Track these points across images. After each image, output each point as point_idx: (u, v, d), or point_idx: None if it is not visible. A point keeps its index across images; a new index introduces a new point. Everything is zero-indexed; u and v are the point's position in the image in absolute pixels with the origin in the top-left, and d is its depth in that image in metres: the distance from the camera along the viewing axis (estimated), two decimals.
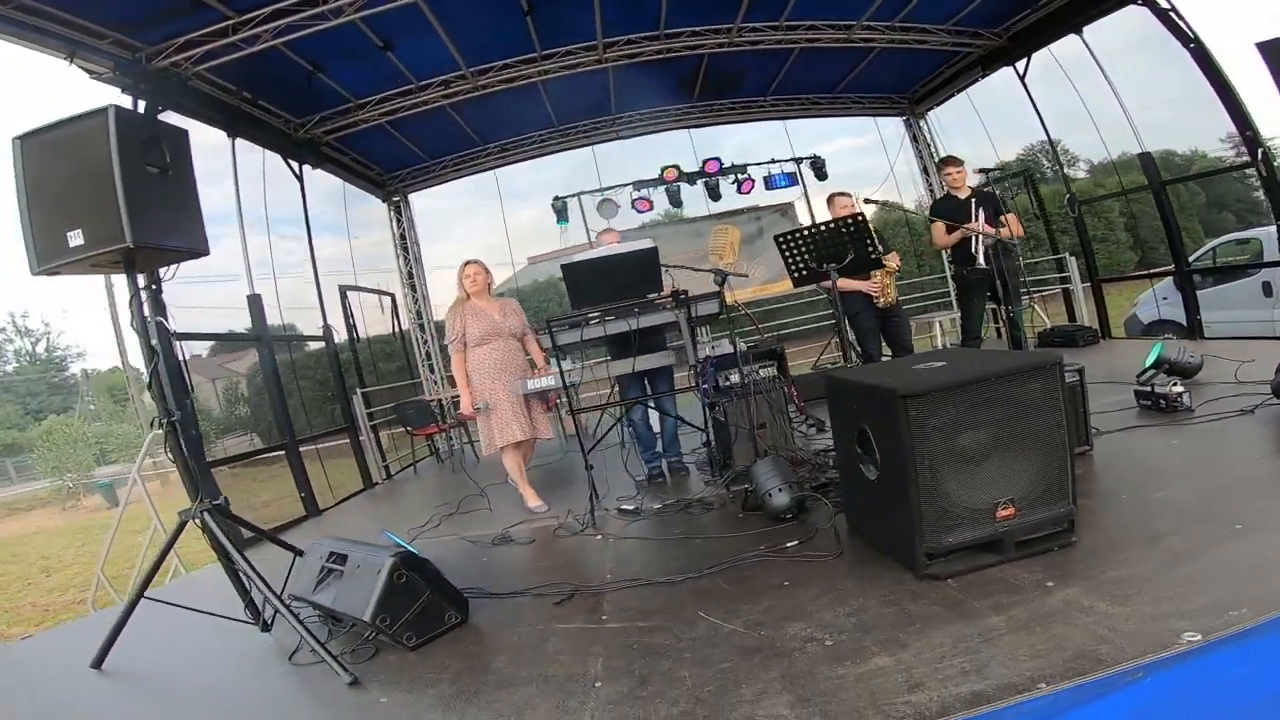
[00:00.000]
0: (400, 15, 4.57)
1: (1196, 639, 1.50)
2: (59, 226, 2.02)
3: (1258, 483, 2.50)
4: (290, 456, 4.86)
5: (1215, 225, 10.03)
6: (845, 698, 1.55)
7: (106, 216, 1.96)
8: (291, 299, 5.41)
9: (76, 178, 2.01)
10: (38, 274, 2.10)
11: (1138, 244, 10.56)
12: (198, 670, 2.40)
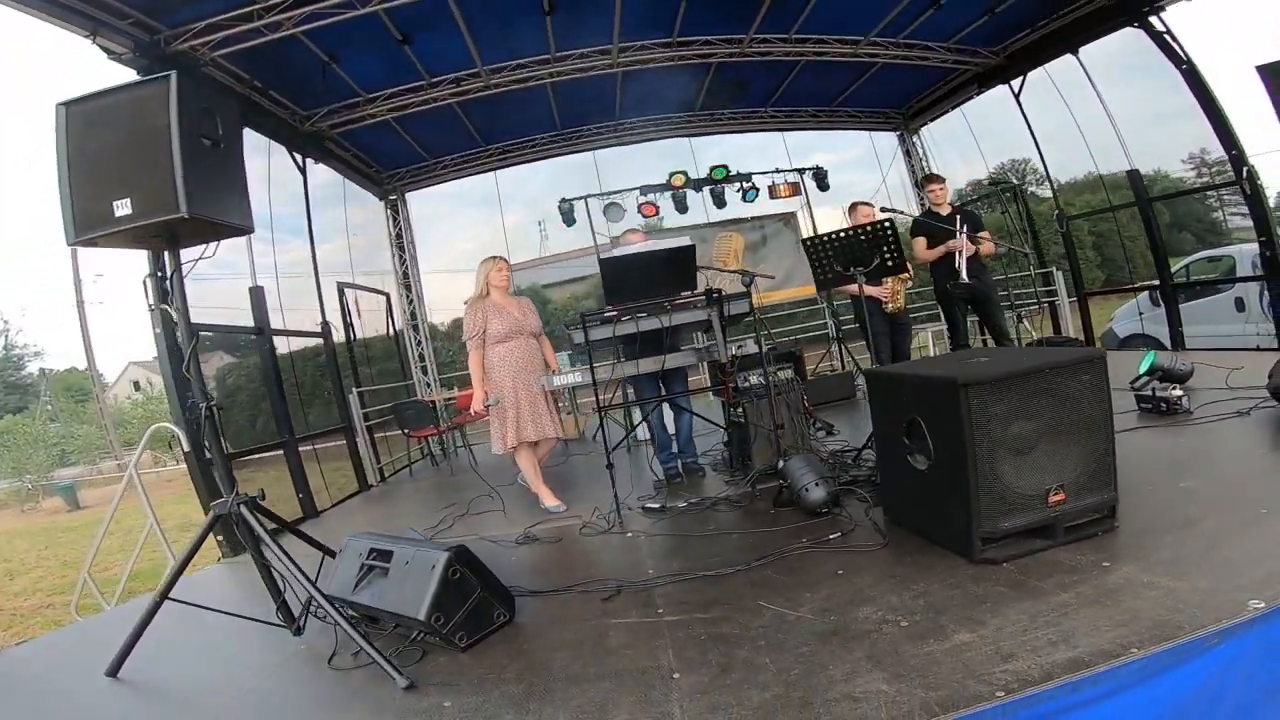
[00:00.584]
0: (425, 8, 4.56)
1: (1261, 606, 1.57)
2: (104, 195, 1.94)
3: (1270, 473, 2.66)
4: (289, 455, 4.70)
5: (1175, 245, 10.61)
6: (940, 671, 1.56)
7: (160, 186, 1.89)
8: (287, 296, 5.26)
9: (128, 145, 1.95)
10: (74, 244, 2.02)
11: (1105, 262, 11.13)
12: (230, 678, 2.26)
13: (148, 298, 3.64)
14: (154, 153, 1.90)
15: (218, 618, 2.82)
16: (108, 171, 1.95)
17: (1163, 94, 5.76)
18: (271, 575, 2.35)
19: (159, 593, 2.22)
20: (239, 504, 2.22)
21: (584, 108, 7.02)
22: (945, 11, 5.82)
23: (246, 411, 4.92)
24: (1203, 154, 6.31)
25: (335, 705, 1.95)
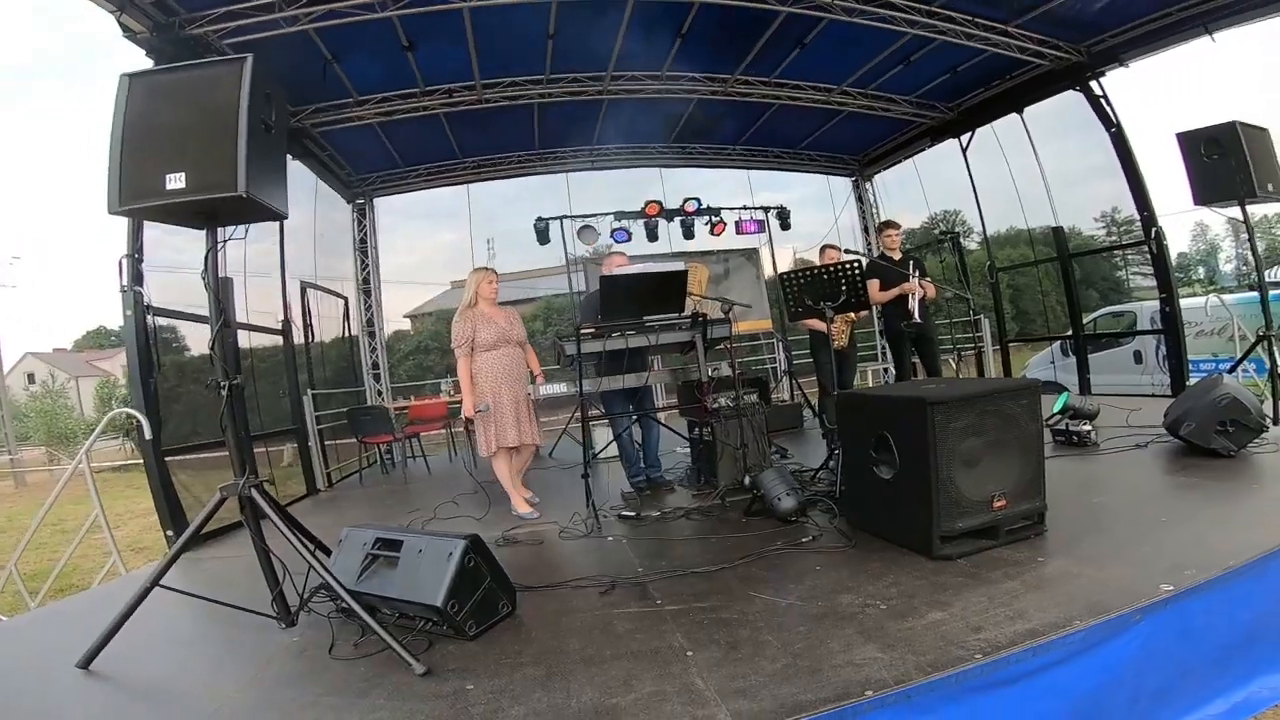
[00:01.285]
0: (439, 18, 4.68)
1: (1171, 588, 1.94)
2: (156, 169, 1.96)
3: (1165, 492, 3.20)
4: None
5: (1081, 300, 11.84)
6: (922, 641, 1.83)
7: (219, 164, 1.94)
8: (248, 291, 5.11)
9: (190, 122, 1.98)
10: (116, 212, 2.03)
11: (1019, 314, 12.28)
12: (220, 671, 2.20)
13: (121, 278, 3.51)
14: (218, 131, 1.95)
15: (185, 611, 2.75)
16: (164, 145, 1.98)
17: (1088, 153, 6.40)
18: (271, 563, 2.34)
19: (152, 578, 2.17)
20: (250, 486, 2.22)
21: (564, 130, 7.23)
22: (913, 68, 6.38)
23: (187, 407, 4.64)
24: (1114, 212, 7.16)
25: (350, 692, 1.94)
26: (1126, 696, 1.86)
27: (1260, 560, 2.07)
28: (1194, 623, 1.96)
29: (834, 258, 4.80)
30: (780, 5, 4.95)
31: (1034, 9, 5.41)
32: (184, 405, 4.93)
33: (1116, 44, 5.76)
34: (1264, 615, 2.07)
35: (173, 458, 4.07)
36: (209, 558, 3.70)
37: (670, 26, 5.40)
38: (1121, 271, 9.27)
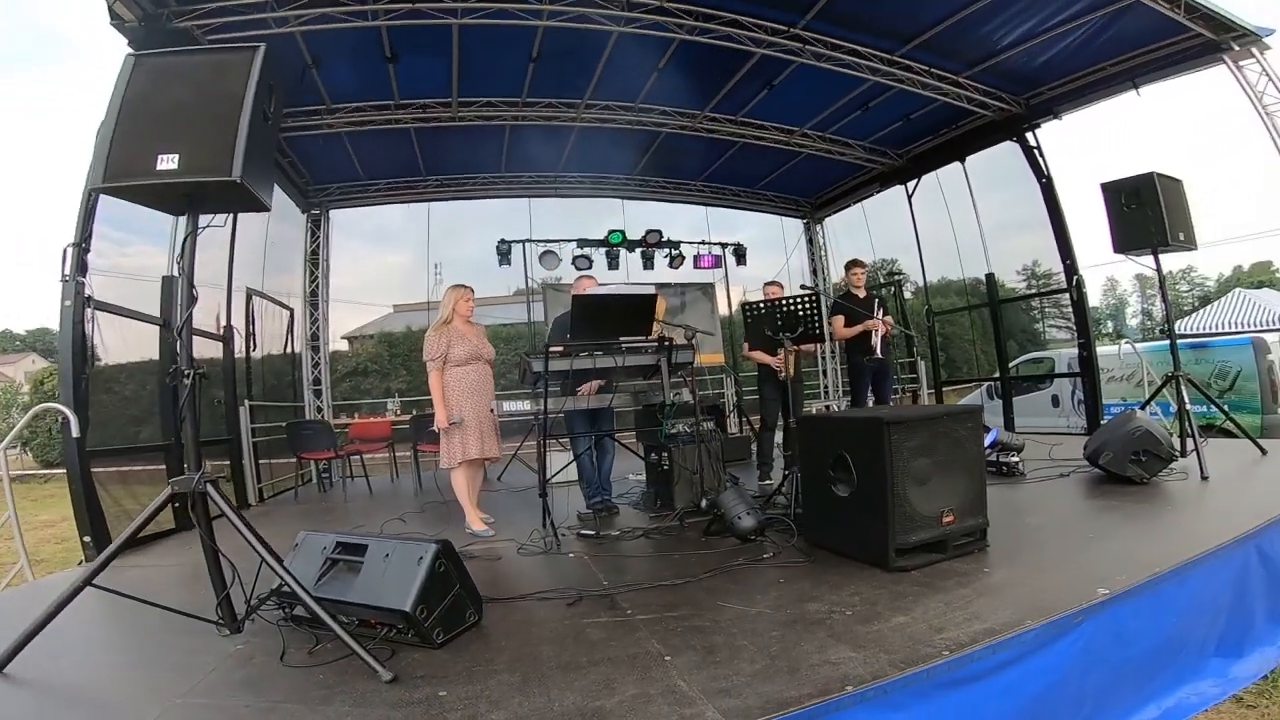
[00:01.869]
0: (427, 32, 4.72)
1: (1105, 592, 2.11)
2: (148, 148, 1.90)
3: (1089, 513, 3.47)
4: (171, 462, 4.25)
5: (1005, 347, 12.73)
6: (891, 641, 1.91)
7: (216, 148, 1.90)
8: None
9: (192, 105, 1.94)
10: (98, 188, 1.96)
11: (948, 361, 13.06)
12: (164, 678, 2.02)
13: (64, 267, 3.29)
14: (220, 116, 1.92)
15: (110, 616, 2.58)
16: (160, 126, 1.93)
17: (1017, 205, 6.91)
18: (219, 565, 2.20)
19: (86, 577, 2.00)
20: (205, 483, 2.10)
21: (532, 154, 7.29)
22: (870, 114, 6.82)
23: (99, 416, 4.31)
24: (1034, 265, 7.76)
25: (312, 699, 1.84)
26: (1073, 697, 2.00)
27: (1180, 569, 2.30)
28: (1126, 625, 2.14)
29: (775, 294, 5.01)
30: (756, 47, 5.28)
31: (984, 61, 5.91)
32: (96, 414, 4.60)
33: (1053, 97, 6.31)
34: (1186, 620, 2.29)
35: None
36: (132, 566, 3.43)
37: (651, 59, 5.63)
38: (1039, 324, 10.08)
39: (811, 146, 7.47)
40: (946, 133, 7.29)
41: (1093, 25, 5.27)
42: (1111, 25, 5.25)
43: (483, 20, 4.64)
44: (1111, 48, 5.61)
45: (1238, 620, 2.52)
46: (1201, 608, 2.39)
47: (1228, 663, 2.44)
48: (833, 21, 5.35)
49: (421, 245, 8.39)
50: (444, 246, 8.65)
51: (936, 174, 7.73)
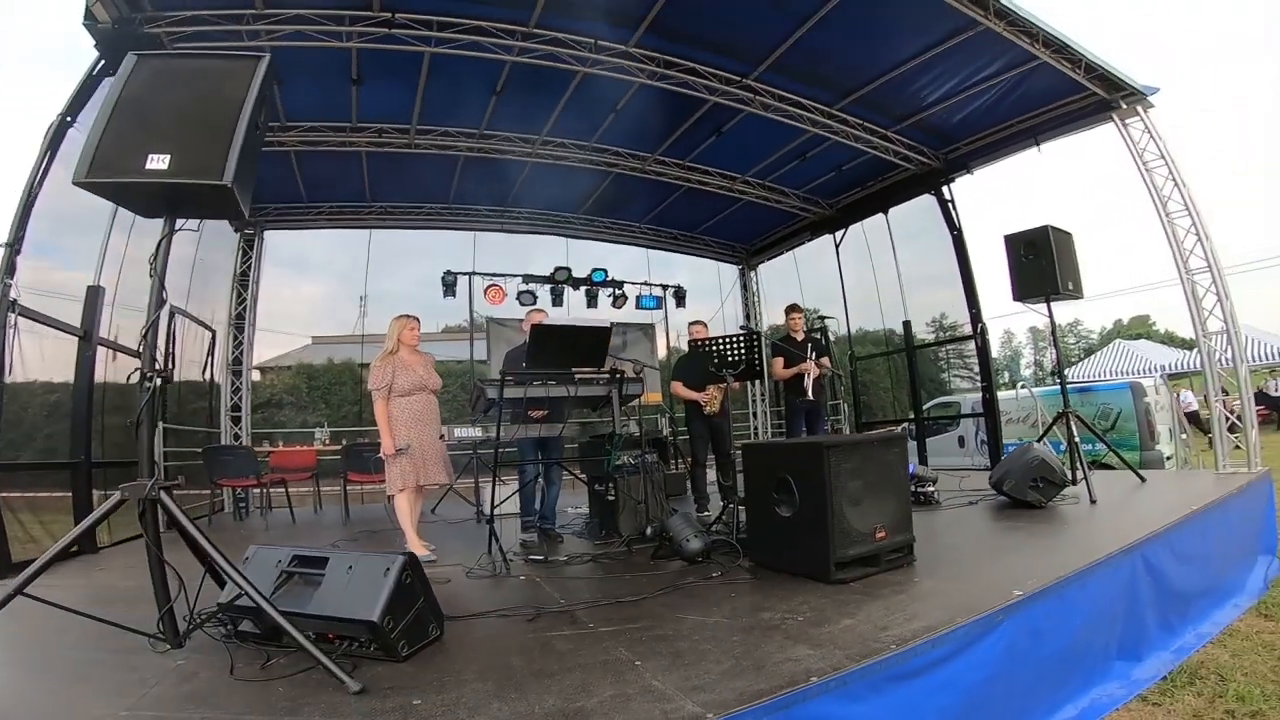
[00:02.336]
0: (399, 58, 4.75)
1: (1020, 593, 2.38)
2: (139, 147, 1.87)
3: (998, 533, 3.85)
4: (78, 481, 3.90)
5: (904, 395, 13.65)
6: (844, 640, 2.08)
7: (210, 152, 1.89)
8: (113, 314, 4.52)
9: (188, 108, 1.93)
10: (80, 182, 1.88)
11: (866, 405, 13.88)
12: (101, 694, 1.88)
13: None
14: (217, 122, 1.92)
15: (30, 632, 2.41)
16: (154, 126, 1.91)
17: (931, 260, 7.39)
18: (165, 578, 2.09)
19: (18, 585, 1.85)
20: (159, 489, 2.01)
21: (482, 188, 7.35)
22: (807, 164, 7.26)
23: (22, 434, 3.95)
24: (941, 318, 8.46)
25: (277, 711, 1.76)
26: (1002, 694, 2.22)
27: (1080, 573, 2.63)
28: (1040, 624, 2.41)
29: (701, 333, 5.27)
30: (710, 95, 5.66)
31: (911, 117, 6.47)
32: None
33: (967, 152, 6.91)
34: (1090, 622, 2.61)
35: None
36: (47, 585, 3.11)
37: (610, 100, 5.88)
38: (945, 374, 10.98)
39: (751, 193, 7.88)
40: (873, 184, 7.80)
41: (1005, 84, 5.84)
42: (1021, 85, 5.81)
43: (456, 51, 4.78)
44: (1019, 106, 6.15)
45: (1133, 627, 2.88)
46: (1101, 610, 2.72)
47: (1129, 666, 2.78)
48: (782, 73, 5.78)
49: (344, 276, 8.24)
50: (376, 278, 8.48)
51: (862, 224, 8.25)
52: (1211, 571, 3.63)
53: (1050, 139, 6.32)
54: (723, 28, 5.12)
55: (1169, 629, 3.13)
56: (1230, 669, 2.84)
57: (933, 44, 5.30)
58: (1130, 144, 5.69)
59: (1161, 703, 2.61)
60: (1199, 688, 2.70)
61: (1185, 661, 2.96)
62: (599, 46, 5.14)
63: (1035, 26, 5.01)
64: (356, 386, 18.58)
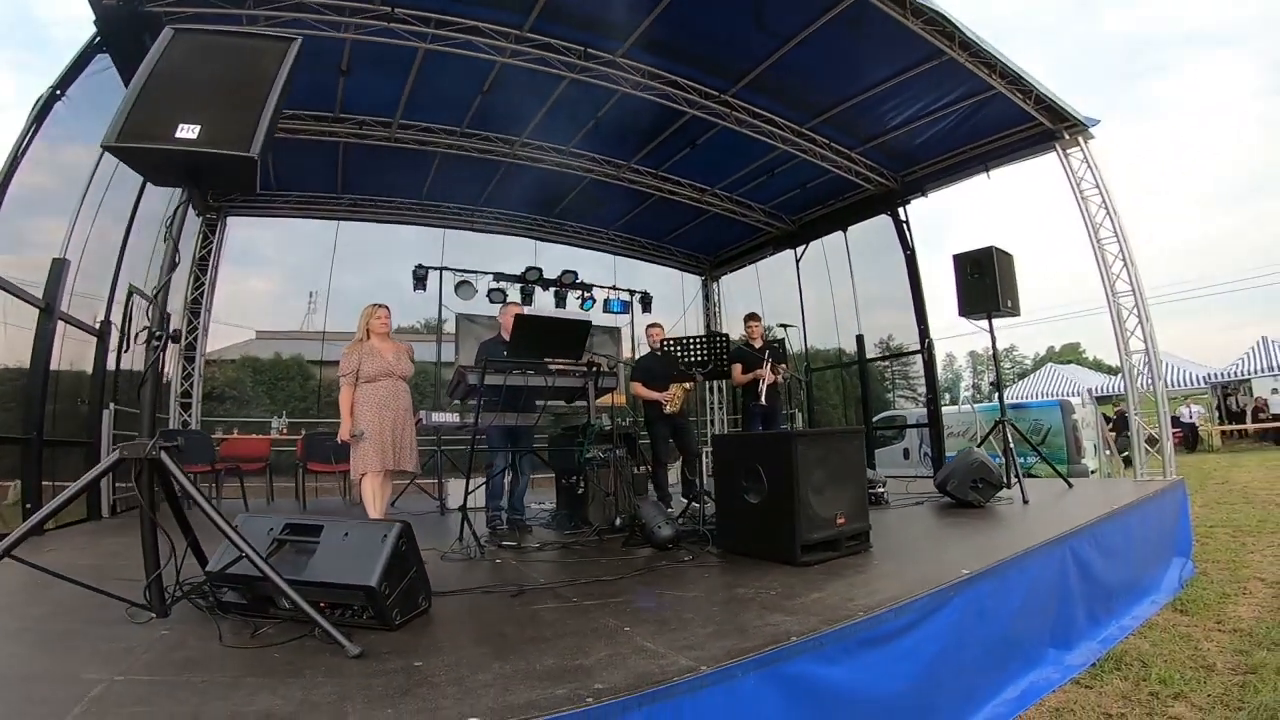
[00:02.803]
0: (391, 51, 4.77)
1: (967, 571, 2.63)
2: (168, 115, 1.91)
3: (943, 527, 4.14)
4: (29, 459, 3.75)
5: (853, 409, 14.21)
6: (816, 609, 2.26)
7: (239, 125, 1.95)
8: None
9: (221, 82, 1.98)
10: (109, 145, 1.91)
11: (816, 420, 14.40)
12: (90, 659, 1.86)
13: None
14: (249, 96, 1.99)
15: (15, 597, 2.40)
16: (186, 98, 1.96)
17: (883, 280, 7.80)
18: (156, 544, 2.09)
19: (5, 547, 1.82)
20: (159, 449, 2.02)
21: (456, 186, 7.36)
22: (774, 180, 7.55)
23: None
24: (889, 339, 8.88)
25: (279, 673, 1.77)
26: (954, 668, 2.42)
27: (1016, 558, 2.90)
28: (985, 603, 2.64)
29: (658, 335, 5.47)
30: (689, 108, 5.88)
31: (875, 139, 6.82)
32: None
33: (923, 175, 7.31)
34: (1028, 604, 2.86)
35: None
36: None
37: (592, 107, 6.03)
38: (890, 393, 11.52)
39: (719, 206, 8.15)
40: (834, 203, 8.16)
41: (963, 112, 6.24)
42: (976, 113, 6.19)
43: (449, 48, 4.85)
44: (973, 133, 6.57)
45: (1064, 617, 3.16)
46: (1036, 592, 2.99)
47: (1062, 653, 3.04)
48: (758, 90, 6.05)
49: (293, 271, 8.01)
50: (330, 273, 8.22)
51: (822, 241, 8.62)
52: (1132, 568, 3.98)
53: (999, 166, 6.78)
54: (708, 43, 5.37)
55: (1095, 621, 3.41)
56: (1152, 656, 3.11)
57: (901, 70, 5.68)
58: (1069, 173, 6.14)
59: (1093, 686, 2.84)
60: (1125, 673, 2.94)
61: (1111, 650, 3.21)
62: (588, 54, 5.31)
63: (994, 58, 5.42)
64: (306, 382, 18.02)
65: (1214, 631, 3.40)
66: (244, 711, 1.49)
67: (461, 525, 3.82)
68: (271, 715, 1.47)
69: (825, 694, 1.98)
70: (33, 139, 3.48)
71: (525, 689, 1.61)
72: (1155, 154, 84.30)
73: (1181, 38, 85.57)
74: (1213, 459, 13.77)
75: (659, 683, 1.63)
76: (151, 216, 5.43)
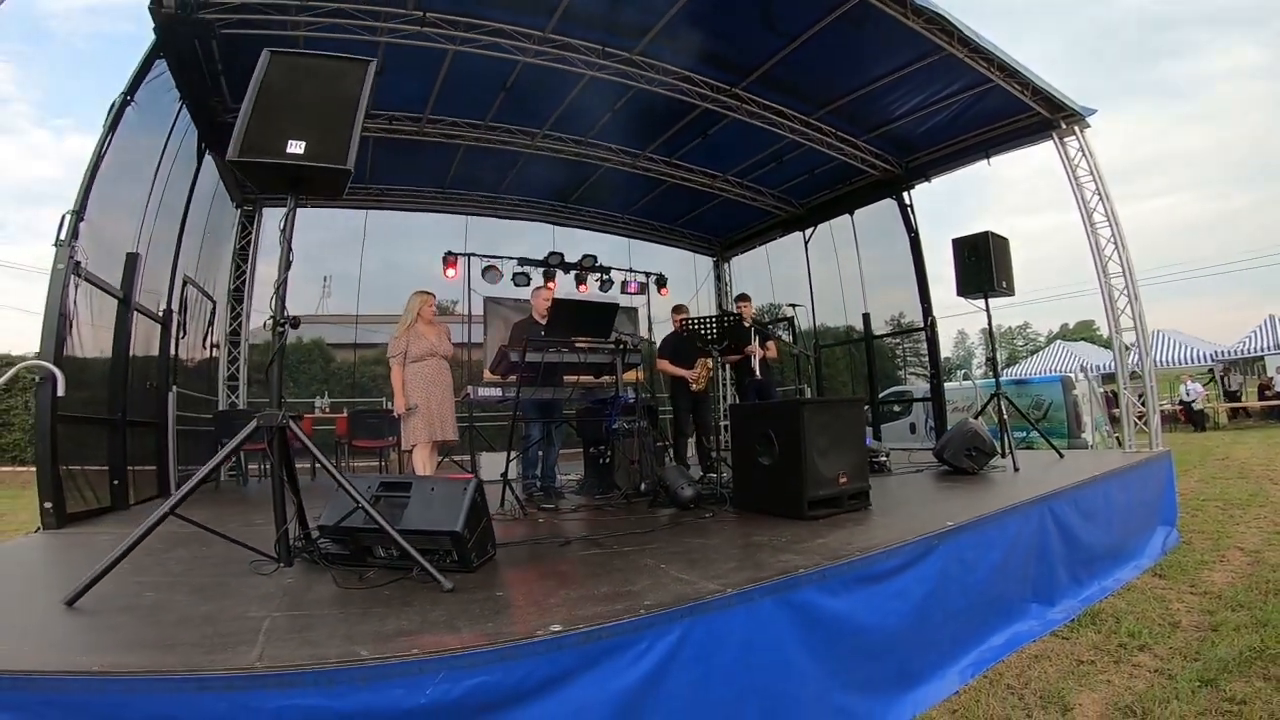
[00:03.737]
0: (423, 53, 5.12)
1: (951, 523, 3.05)
2: (279, 132, 2.31)
3: (937, 491, 4.52)
4: (114, 438, 4.24)
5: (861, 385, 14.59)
6: (820, 550, 2.70)
7: (336, 142, 2.35)
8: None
9: (316, 101, 2.36)
10: (232, 160, 2.33)
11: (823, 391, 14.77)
12: (240, 602, 2.16)
13: (59, 232, 3.43)
14: (339, 115, 2.39)
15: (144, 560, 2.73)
16: (291, 115, 2.35)
17: (892, 261, 8.07)
18: (285, 502, 2.53)
19: (171, 505, 2.23)
20: (286, 419, 2.47)
21: (477, 175, 7.71)
22: (782, 166, 7.86)
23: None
24: (899, 316, 9.17)
25: (394, 603, 2.11)
26: (941, 612, 2.81)
27: (995, 515, 3.31)
28: (967, 554, 3.04)
29: (682, 315, 5.87)
30: (701, 101, 6.20)
31: (880, 127, 7.10)
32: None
33: (927, 161, 7.60)
34: (1006, 558, 3.24)
35: None
36: (94, 533, 3.54)
37: (609, 101, 6.35)
38: (901, 370, 11.87)
39: (730, 191, 8.45)
40: (841, 188, 8.45)
41: (963, 102, 6.51)
42: (977, 103, 6.46)
43: (476, 50, 5.19)
44: (974, 122, 6.83)
45: (1046, 576, 3.50)
46: (1015, 549, 3.36)
47: (1044, 609, 3.39)
48: (767, 85, 6.35)
49: (305, 256, 8.35)
50: (347, 260, 8.61)
51: (830, 224, 8.95)
52: (1115, 534, 4.23)
53: (999, 153, 7.06)
54: (720, 41, 5.67)
55: (1078, 581, 3.72)
56: (1125, 613, 3.41)
57: (903, 65, 5.96)
58: (1065, 160, 6.43)
59: (1069, 637, 3.20)
60: (1098, 626, 3.26)
61: (1090, 608, 3.53)
62: (606, 53, 5.63)
63: (992, 54, 5.70)
64: (326, 365, 18.52)
65: (1186, 594, 3.69)
66: (384, 630, 1.84)
67: (503, 490, 4.30)
68: (403, 631, 1.83)
69: (828, 621, 2.38)
70: (111, 141, 3.88)
71: (590, 607, 2.04)
72: (1170, 131, 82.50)
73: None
74: (1216, 436, 14.01)
75: (695, 600, 2.08)
76: (199, 205, 5.88)
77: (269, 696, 1.50)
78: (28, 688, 1.47)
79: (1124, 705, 2.45)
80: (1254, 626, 3.08)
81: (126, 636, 1.82)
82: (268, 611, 2.04)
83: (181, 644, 1.73)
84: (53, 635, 1.86)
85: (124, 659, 1.63)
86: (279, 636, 1.80)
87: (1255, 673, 2.62)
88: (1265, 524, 5.20)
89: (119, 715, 1.48)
